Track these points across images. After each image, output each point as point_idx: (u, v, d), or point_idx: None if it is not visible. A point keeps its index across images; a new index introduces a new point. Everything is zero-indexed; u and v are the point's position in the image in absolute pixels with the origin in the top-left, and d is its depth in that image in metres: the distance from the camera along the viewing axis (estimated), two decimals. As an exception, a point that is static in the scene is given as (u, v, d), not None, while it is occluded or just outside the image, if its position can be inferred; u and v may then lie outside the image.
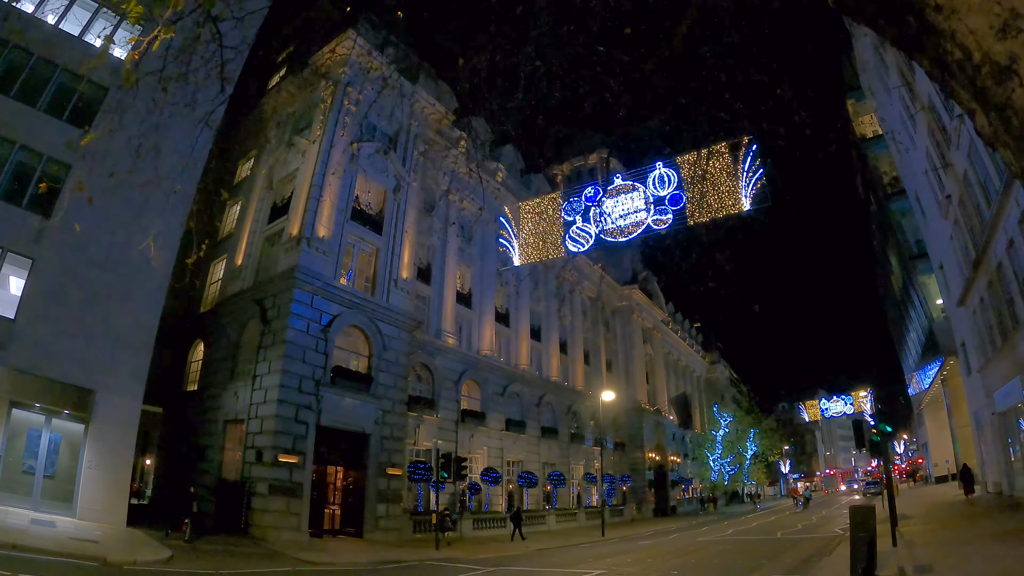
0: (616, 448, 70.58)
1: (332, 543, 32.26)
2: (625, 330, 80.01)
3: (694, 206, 21.20)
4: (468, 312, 50.62)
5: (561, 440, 58.75)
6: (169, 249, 31.19)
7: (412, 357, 41.45)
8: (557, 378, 61.08)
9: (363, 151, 40.23)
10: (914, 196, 45.07)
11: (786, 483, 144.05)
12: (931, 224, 42.04)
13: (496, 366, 51.39)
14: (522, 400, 54.23)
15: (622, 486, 68.25)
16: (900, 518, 30.83)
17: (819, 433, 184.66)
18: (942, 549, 19.35)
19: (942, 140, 31.83)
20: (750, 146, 20.28)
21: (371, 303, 38.14)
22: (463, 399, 47.08)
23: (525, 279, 57.54)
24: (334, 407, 34.54)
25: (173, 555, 22.35)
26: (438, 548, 32.17)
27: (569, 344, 66.21)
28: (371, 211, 40.90)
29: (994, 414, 34.58)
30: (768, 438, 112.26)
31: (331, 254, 36.71)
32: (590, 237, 23.75)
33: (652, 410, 79.56)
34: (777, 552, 26.43)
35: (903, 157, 44.22)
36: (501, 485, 48.04)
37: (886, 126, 47.47)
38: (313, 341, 34.36)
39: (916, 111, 34.05)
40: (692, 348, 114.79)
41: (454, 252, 49.22)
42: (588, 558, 28.69)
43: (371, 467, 36.10)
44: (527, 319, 57.97)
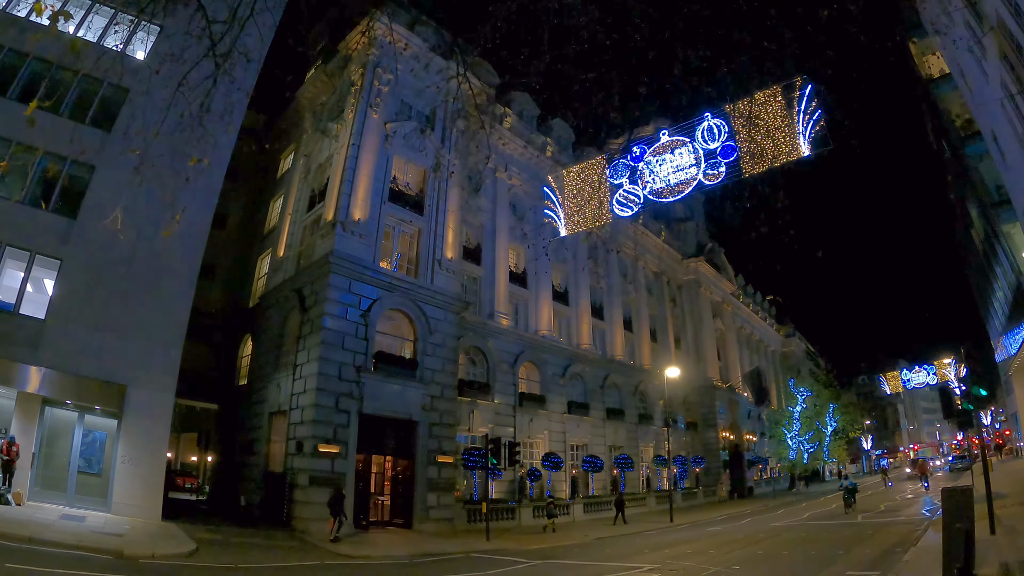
0: (688, 428, 67.91)
1: (378, 535, 30.86)
2: (693, 305, 76.95)
3: (748, 156, 19.11)
4: (523, 292, 48.54)
5: (628, 422, 56.40)
6: (197, 241, 30.94)
7: (462, 340, 39.65)
8: (622, 357, 58.59)
9: (398, 131, 38.64)
10: (990, 136, 41.28)
11: (868, 460, 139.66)
12: (1012, 165, 38.24)
13: (555, 346, 49.18)
14: (585, 381, 51.98)
15: (695, 468, 65.55)
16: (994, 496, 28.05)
17: (901, 406, 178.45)
18: None
19: (1017, 61, 28.41)
20: (804, 86, 18.24)
21: (414, 285, 36.44)
22: (521, 382, 45.05)
23: (582, 255, 55.50)
24: (378, 394, 32.95)
25: (198, 549, 21.52)
26: (488, 539, 30.32)
27: (634, 321, 63.68)
28: (410, 191, 39.24)
29: None
30: (848, 413, 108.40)
31: (369, 237, 35.11)
32: (638, 199, 22.02)
33: (725, 387, 76.53)
34: (855, 540, 23.89)
35: (974, 94, 40.52)
36: (564, 470, 45.85)
37: (953, 61, 44.01)
38: (352, 327, 32.83)
39: (984, 34, 30.84)
40: (765, 321, 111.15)
41: (505, 230, 47.13)
42: (647, 548, 26.67)
43: (419, 455, 34.49)
44: (587, 297, 55.54)
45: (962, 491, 14.40)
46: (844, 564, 18.54)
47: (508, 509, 38.77)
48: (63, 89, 27.65)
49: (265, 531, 28.00)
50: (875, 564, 18.14)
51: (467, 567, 22.24)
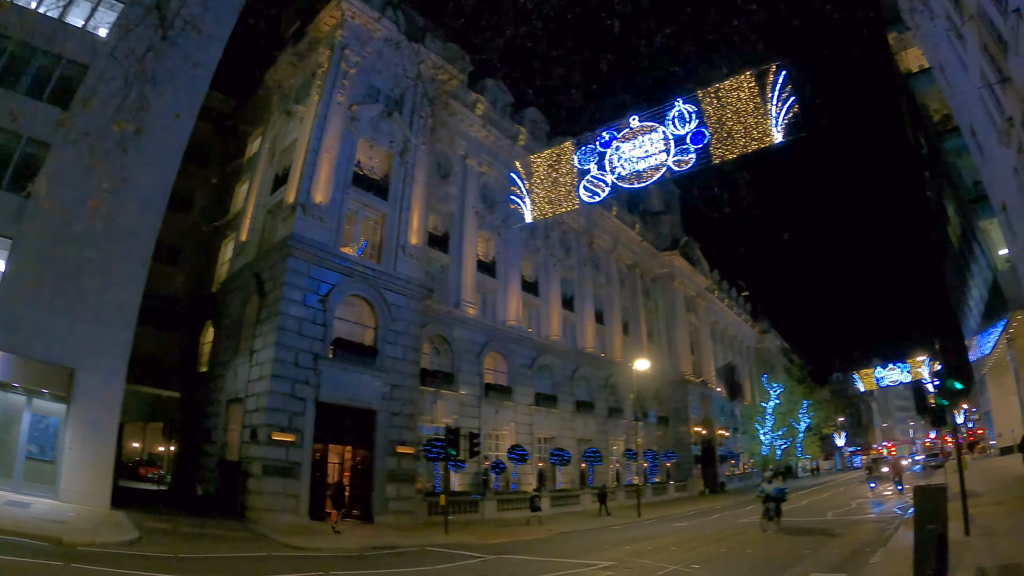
0: (659, 423, 67.42)
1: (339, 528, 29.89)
2: (666, 298, 76.37)
3: (718, 142, 18.70)
4: (491, 281, 47.75)
5: (598, 415, 55.80)
6: (152, 222, 29.79)
7: (426, 329, 38.97)
8: (592, 349, 57.93)
9: (364, 114, 37.77)
10: (968, 131, 40.80)
11: (842, 457, 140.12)
12: (990, 160, 37.72)
13: (523, 337, 48.48)
14: (554, 373, 51.28)
15: (666, 463, 65.16)
16: (968, 495, 27.48)
17: (875, 404, 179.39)
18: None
19: (997, 51, 27.66)
20: (779, 73, 18.08)
21: (376, 271, 35.57)
22: (487, 373, 44.32)
23: (554, 245, 54.88)
24: (336, 382, 32.08)
25: (142, 537, 20.66)
26: (447, 532, 29.52)
27: (606, 314, 62.97)
28: (375, 176, 38.41)
29: None
30: (822, 410, 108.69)
31: (330, 221, 34.24)
32: (606, 185, 22.02)
33: (697, 382, 76.10)
34: (824, 539, 23.42)
35: (953, 87, 40.04)
36: (530, 463, 45.11)
37: (932, 54, 43.51)
38: (311, 312, 31.94)
39: (964, 23, 30.27)
40: (740, 317, 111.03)
41: (474, 218, 46.29)
42: (608, 544, 25.93)
43: (379, 446, 33.65)
44: (558, 288, 54.87)
45: (935, 490, 13.69)
46: (809, 564, 17.84)
47: (471, 502, 38.05)
48: (21, 65, 26.85)
49: (217, 521, 27.10)
50: (842, 565, 17.43)
51: (419, 561, 21.45)
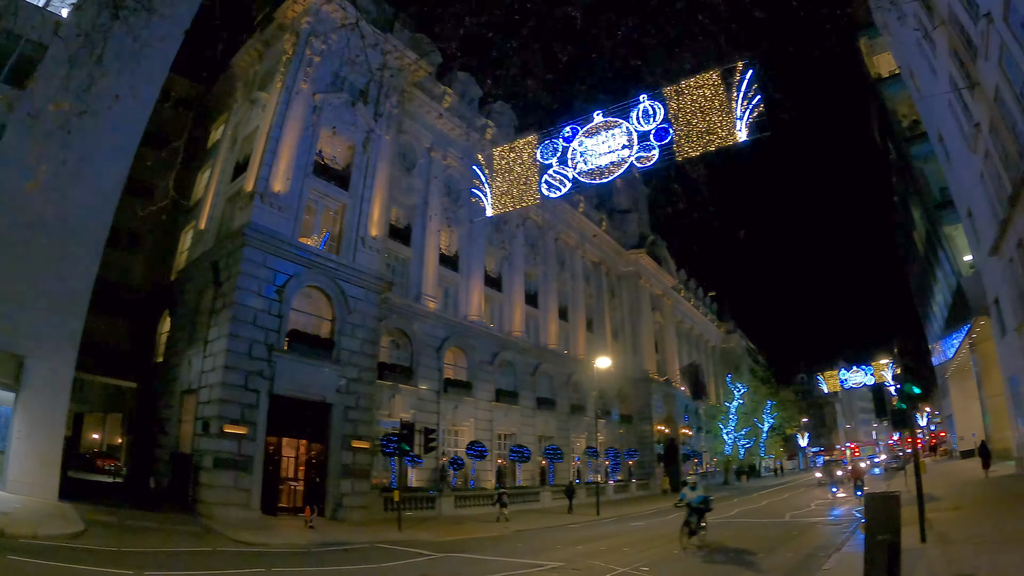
0: (622, 421, 67.38)
1: (286, 522, 29.59)
2: (632, 297, 76.42)
3: (682, 139, 18.62)
4: (454, 275, 47.43)
5: (560, 412, 55.60)
6: (106, 207, 29.20)
7: (385, 322, 38.58)
8: (555, 346, 57.76)
9: (328, 103, 37.20)
10: (936, 136, 41.11)
11: (805, 457, 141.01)
12: (957, 166, 38.03)
13: (485, 332, 48.16)
14: (515, 369, 51.02)
15: (628, 461, 65.25)
16: (927, 499, 27.29)
17: (839, 405, 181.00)
18: (988, 551, 15.11)
19: (967, 56, 27.86)
20: (745, 71, 17.94)
21: (334, 262, 35.05)
22: (447, 367, 43.97)
23: (519, 241, 54.61)
24: (290, 374, 31.55)
25: (87, 530, 20.27)
26: (400, 529, 29.19)
27: (570, 311, 62.87)
28: (337, 166, 37.98)
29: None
30: (786, 410, 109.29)
31: (289, 210, 33.74)
32: (567, 180, 21.81)
33: (661, 380, 76.20)
34: (779, 542, 23.14)
35: (922, 93, 40.24)
36: (489, 460, 44.88)
37: (903, 59, 43.83)
38: (266, 303, 31.36)
39: (935, 27, 30.34)
40: (706, 317, 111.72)
41: (438, 212, 45.83)
42: (561, 543, 25.74)
43: (333, 440, 33.22)
44: (522, 283, 54.58)
45: (887, 498, 13.38)
46: (762, 567, 17.67)
47: (428, 499, 37.63)
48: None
49: (167, 514, 26.61)
50: (794, 571, 17.22)
51: (366, 558, 21.07)
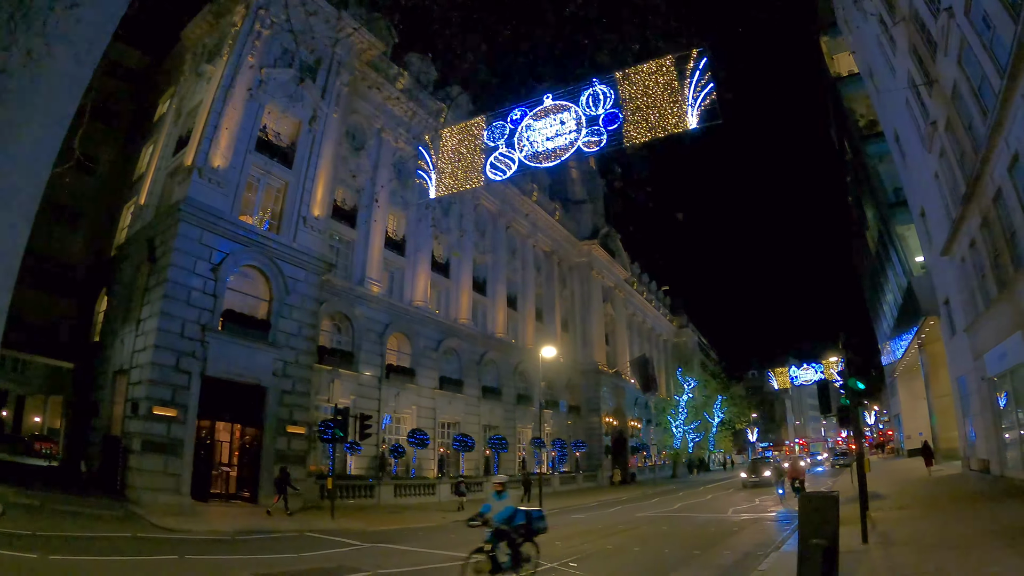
0: (570, 411, 67.30)
1: (217, 508, 28.97)
2: (583, 288, 76.36)
3: (632, 125, 18.28)
4: (400, 260, 46.70)
5: (505, 401, 55.38)
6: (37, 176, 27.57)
7: (326, 305, 37.95)
8: (503, 335, 57.40)
9: (275, 79, 36.12)
10: (893, 136, 41.41)
11: (754, 451, 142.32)
12: (912, 165, 38.29)
13: (430, 319, 47.57)
14: (460, 357, 50.57)
15: (575, 452, 65.05)
16: (872, 497, 26.76)
17: (789, 402, 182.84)
18: (931, 555, 14.48)
19: (926, 53, 27.97)
20: (699, 59, 17.70)
21: (273, 241, 34.21)
22: (390, 353, 43.38)
23: (469, 227, 54.11)
24: (224, 356, 30.73)
25: (4, 513, 19.57)
26: (333, 517, 28.63)
27: (519, 299, 62.53)
28: (281, 143, 37.05)
29: (984, 379, 30.34)
30: (736, 405, 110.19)
31: (228, 186, 32.78)
32: (513, 163, 21.12)
33: (611, 373, 76.32)
34: (718, 538, 22.80)
35: (881, 92, 40.46)
36: (432, 448, 44.39)
37: (863, 57, 44.11)
38: (200, 281, 30.47)
39: (895, 24, 30.35)
40: (659, 311, 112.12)
41: (386, 195, 44.96)
42: (490, 537, 25.21)
43: (268, 424, 32.51)
44: (470, 270, 54.11)
45: (823, 498, 12.91)
46: (695, 568, 17.18)
47: (367, 487, 36.99)
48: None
49: (95, 499, 25.89)
50: (731, 570, 16.80)
51: (289, 547, 20.47)
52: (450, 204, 52.71)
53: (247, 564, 16.99)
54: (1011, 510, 19.79)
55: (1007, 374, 27.08)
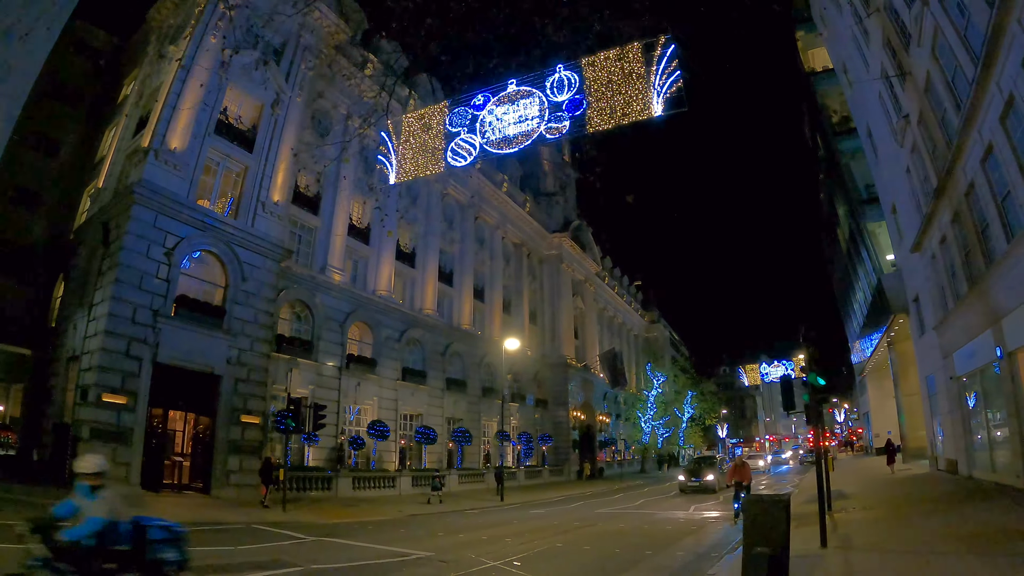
0: (537, 405, 67.17)
1: (168, 499, 28.35)
2: (553, 281, 76.19)
3: (596, 112, 17.98)
4: (364, 248, 46.24)
5: (470, 394, 55.02)
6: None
7: (285, 292, 37.50)
8: (469, 326, 57.18)
9: (238, 60, 35.32)
10: (865, 132, 41.44)
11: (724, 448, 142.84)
12: (884, 161, 38.31)
13: (393, 308, 47.07)
14: (424, 348, 50.11)
15: (542, 446, 64.92)
16: (836, 496, 26.35)
17: (759, 399, 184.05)
18: (893, 562, 13.71)
19: (900, 44, 27.91)
20: (667, 46, 17.41)
21: (229, 226, 33.61)
22: (351, 343, 42.97)
23: (436, 216, 53.76)
24: (177, 342, 30.12)
25: None
26: (285, 509, 28.25)
27: (487, 291, 62.36)
28: (242, 126, 36.39)
29: (952, 378, 30.28)
30: (706, 401, 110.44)
31: (185, 169, 32.13)
32: (474, 149, 20.87)
33: (579, 366, 76.24)
34: (675, 538, 22.27)
35: (854, 87, 40.47)
36: (393, 440, 44.01)
37: (837, 52, 44.09)
38: (154, 266, 29.85)
39: (869, 15, 30.25)
40: (630, 306, 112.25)
41: (350, 182, 44.53)
42: (447, 530, 24.91)
43: (222, 414, 31.92)
44: (436, 260, 53.65)
45: (772, 501, 12.11)
46: (642, 570, 16.71)
47: (325, 479, 36.57)
48: None
49: (44, 488, 25.20)
50: (680, 572, 16.39)
51: (232, 539, 19.97)
52: (417, 193, 52.30)
53: (181, 556, 16.54)
54: (979, 514, 19.20)
55: (976, 373, 27.02)
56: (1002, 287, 21.62)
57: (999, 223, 20.84)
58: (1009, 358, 22.01)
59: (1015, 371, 21.79)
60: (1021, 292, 19.61)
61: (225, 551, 17.52)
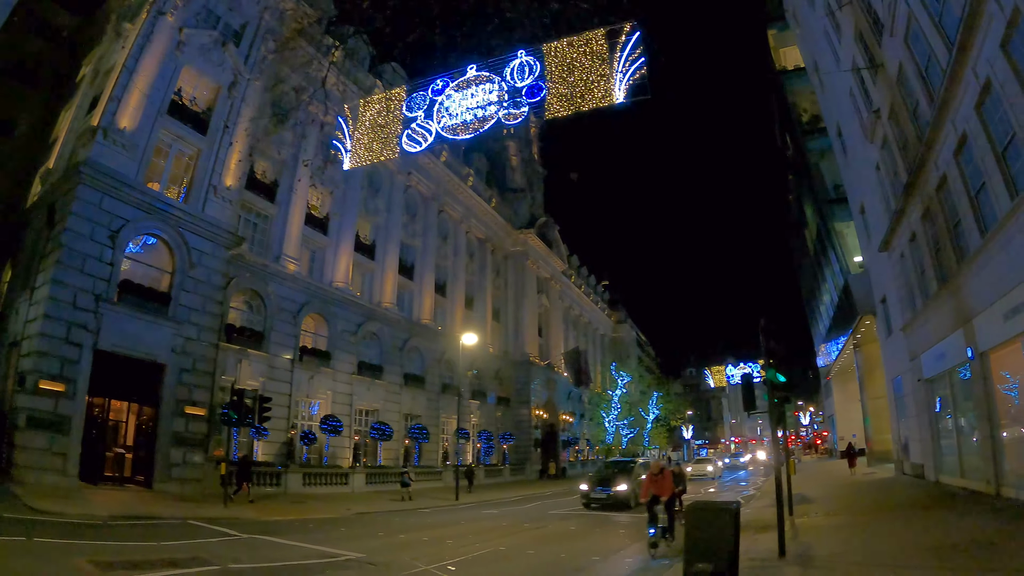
0: (499, 403, 66.91)
1: (107, 492, 27.46)
2: (518, 278, 75.86)
3: (556, 98, 17.63)
4: (322, 238, 45.46)
5: (429, 390, 54.46)
6: None
7: (237, 281, 36.72)
8: (429, 321, 56.56)
9: (195, 40, 34.87)
10: (835, 131, 41.46)
11: (689, 448, 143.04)
12: (853, 159, 38.31)
13: (350, 301, 46.34)
14: (382, 342, 49.41)
15: (503, 445, 64.47)
16: (800, 501, 25.95)
17: (726, 400, 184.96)
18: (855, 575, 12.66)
19: (872, 36, 27.86)
20: (632, 33, 17.05)
21: (178, 210, 32.76)
22: (305, 335, 42.19)
23: (398, 208, 53.09)
24: (120, 329, 29.27)
25: None
26: (226, 505, 27.45)
27: (449, 286, 61.85)
28: (196, 107, 35.63)
29: (920, 381, 30.17)
30: (671, 402, 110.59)
31: (135, 150, 31.24)
32: (429, 134, 20.35)
33: (543, 365, 75.96)
34: (628, 540, 21.44)
35: (824, 84, 40.43)
36: (346, 436, 43.27)
37: (808, 50, 44.17)
38: (97, 249, 28.93)
39: (841, 7, 30.17)
40: (597, 305, 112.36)
41: (309, 170, 43.56)
42: (389, 530, 24.22)
43: (165, 404, 31.10)
44: (396, 253, 52.96)
45: (717, 510, 11.15)
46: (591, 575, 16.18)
47: (274, 474, 35.87)
48: None
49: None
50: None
51: (159, 535, 19.18)
52: (379, 184, 51.68)
53: (96, 550, 15.76)
54: (950, 522, 18.11)
55: (945, 375, 26.80)
56: (974, 285, 21.28)
57: (972, 218, 20.44)
58: (981, 359, 21.68)
59: (987, 372, 21.45)
60: (994, 289, 19.19)
61: (146, 547, 16.83)
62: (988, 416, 21.46)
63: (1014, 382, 19.76)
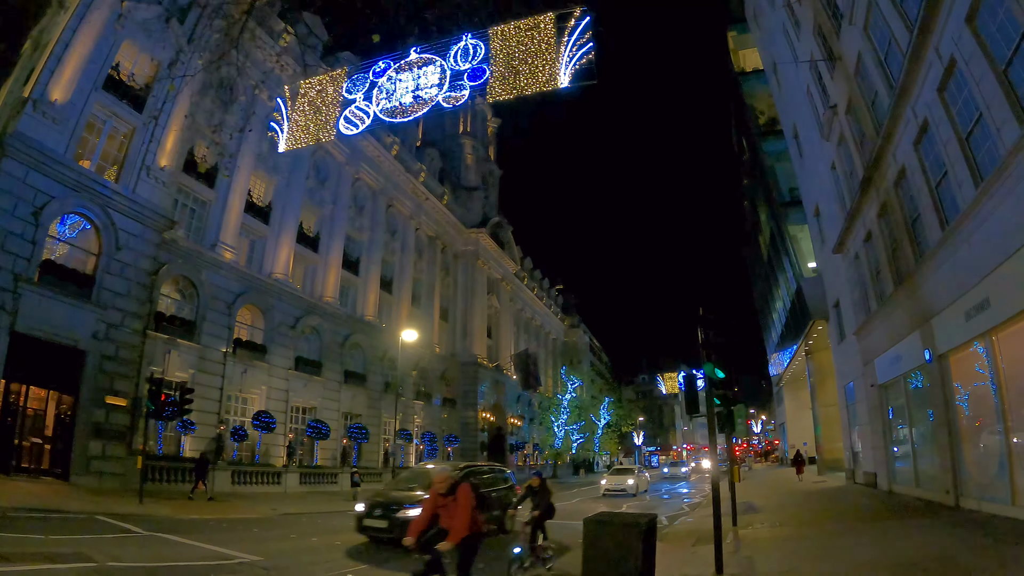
0: (445, 404, 66.46)
1: (17, 484, 26.14)
2: (468, 277, 75.47)
3: (499, 81, 17.46)
4: (263, 227, 44.46)
5: (371, 388, 53.46)
6: None
7: (168, 267, 35.53)
8: (373, 318, 55.65)
9: (136, 14, 33.65)
10: (792, 132, 41.47)
11: (640, 455, 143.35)
12: (809, 161, 38.36)
13: (289, 293, 45.26)
14: (322, 337, 48.41)
15: (447, 447, 63.74)
16: (746, 510, 25.41)
17: (678, 407, 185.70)
18: None
19: (831, 28, 27.79)
20: (582, 18, 16.85)
21: (107, 188, 31.50)
22: (240, 327, 41.11)
23: (344, 201, 52.16)
24: (40, 311, 27.91)
25: None
26: (141, 501, 26.42)
27: (395, 283, 61.03)
28: (134, 83, 34.42)
29: (873, 386, 30.00)
30: (622, 408, 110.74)
31: (65, 124, 29.93)
32: (367, 116, 20.08)
33: (491, 366, 75.53)
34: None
35: (783, 84, 40.40)
36: (280, 434, 42.24)
37: (767, 52, 44.28)
38: (19, 225, 27.53)
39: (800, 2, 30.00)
40: (550, 309, 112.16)
41: (252, 156, 42.75)
42: (302, 532, 23.47)
43: (85, 393, 29.79)
44: (341, 247, 52.17)
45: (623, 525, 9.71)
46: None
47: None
48: None
49: None
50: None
51: (56, 529, 18.06)
52: (325, 175, 50.78)
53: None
54: (905, 535, 16.84)
55: (899, 380, 26.58)
56: (934, 282, 20.79)
57: (932, 211, 19.98)
58: (940, 362, 21.21)
59: (946, 376, 20.97)
60: (956, 286, 18.63)
61: (31, 539, 15.85)
62: (947, 422, 20.92)
63: (975, 385, 19.25)
